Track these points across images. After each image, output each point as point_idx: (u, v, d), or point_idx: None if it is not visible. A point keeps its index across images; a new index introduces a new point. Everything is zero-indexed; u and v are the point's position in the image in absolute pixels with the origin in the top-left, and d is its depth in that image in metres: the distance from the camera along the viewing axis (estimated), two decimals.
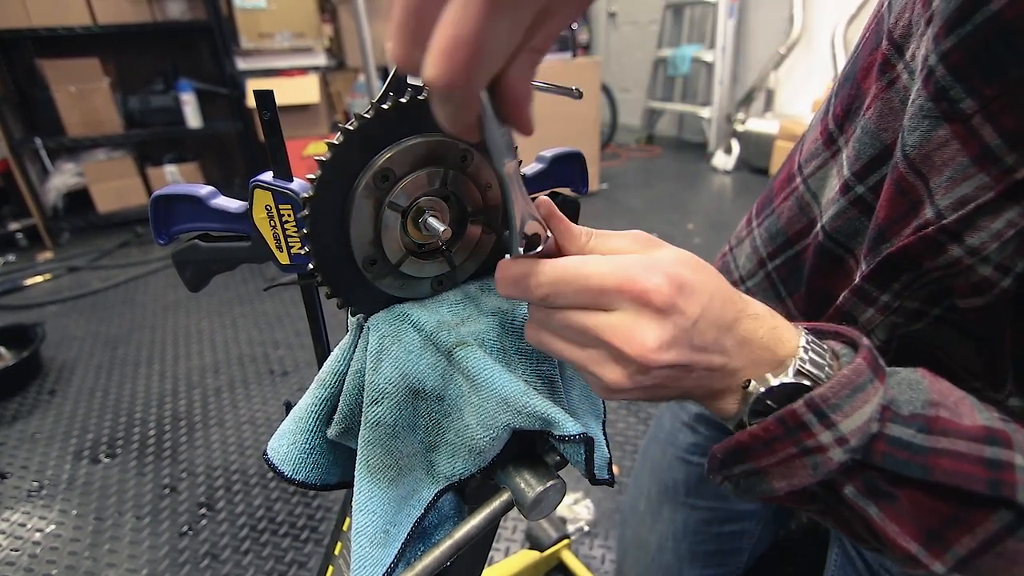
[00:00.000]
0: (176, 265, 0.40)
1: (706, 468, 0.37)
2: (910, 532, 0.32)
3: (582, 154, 0.46)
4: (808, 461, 0.32)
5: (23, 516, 1.35)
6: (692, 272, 0.31)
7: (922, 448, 0.31)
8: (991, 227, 0.36)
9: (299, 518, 1.32)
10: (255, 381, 1.82)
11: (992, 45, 0.34)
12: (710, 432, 0.82)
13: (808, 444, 0.31)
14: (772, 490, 0.34)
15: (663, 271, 0.30)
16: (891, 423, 0.31)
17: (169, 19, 3.10)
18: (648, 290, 0.29)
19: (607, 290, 0.30)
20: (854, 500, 0.33)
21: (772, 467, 0.33)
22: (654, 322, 0.30)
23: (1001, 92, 0.34)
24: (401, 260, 0.35)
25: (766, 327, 0.33)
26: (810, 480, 0.32)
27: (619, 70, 5.37)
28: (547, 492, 0.34)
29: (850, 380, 0.31)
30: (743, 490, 0.35)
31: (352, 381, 0.35)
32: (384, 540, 0.33)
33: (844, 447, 0.31)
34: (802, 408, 0.31)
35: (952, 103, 0.37)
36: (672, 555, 0.80)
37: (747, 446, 0.33)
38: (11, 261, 2.87)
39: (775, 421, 0.32)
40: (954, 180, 0.38)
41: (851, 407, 0.31)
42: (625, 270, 0.30)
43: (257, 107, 0.32)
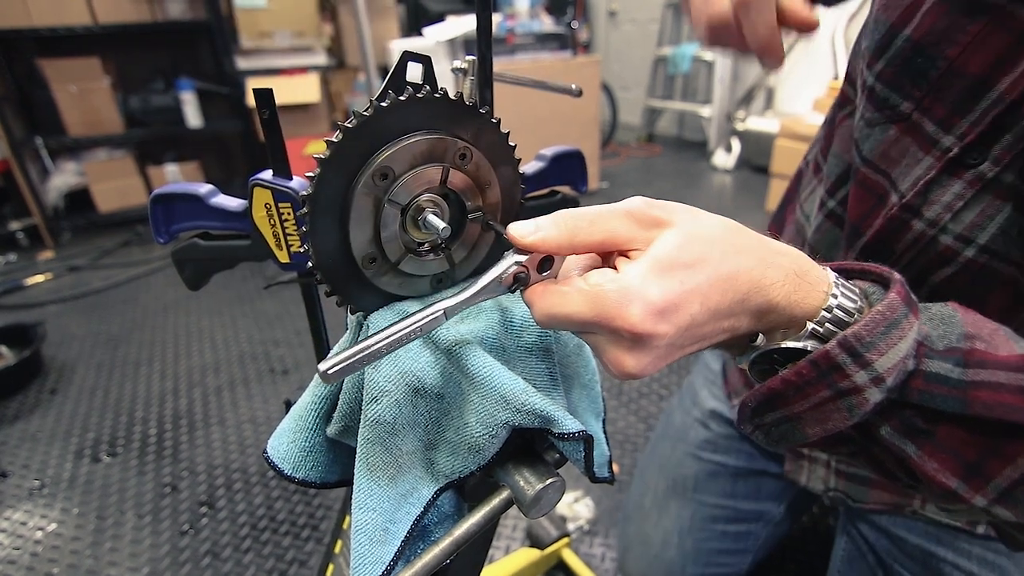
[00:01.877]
0: (176, 263, 0.40)
1: (736, 419, 0.36)
2: (949, 468, 0.32)
3: (582, 152, 0.46)
4: (843, 404, 0.31)
5: (24, 515, 1.35)
6: (678, 279, 0.29)
7: (960, 382, 0.31)
8: (942, 200, 0.44)
9: (300, 516, 1.32)
10: (255, 380, 1.83)
11: (911, 60, 0.46)
12: (722, 429, 0.82)
13: (843, 386, 0.30)
14: (805, 436, 0.33)
15: (641, 300, 0.29)
16: (927, 359, 0.31)
17: (169, 18, 3.10)
18: (620, 328, 0.29)
19: (588, 324, 0.30)
20: (890, 440, 0.32)
21: (805, 412, 0.32)
22: (631, 351, 0.30)
23: (928, 91, 0.45)
24: (400, 258, 0.35)
25: (784, 291, 0.32)
26: (845, 424, 0.31)
27: (619, 69, 5.36)
28: (546, 490, 0.34)
29: (884, 316, 0.30)
30: (775, 439, 0.35)
31: (352, 379, 0.35)
32: (384, 538, 0.33)
33: (880, 387, 0.30)
34: (835, 349, 0.30)
35: (893, 108, 0.47)
36: (676, 551, 0.80)
37: (779, 392, 0.32)
38: (12, 261, 2.87)
39: (808, 364, 0.31)
40: (909, 165, 0.47)
41: (886, 344, 0.30)
42: (599, 306, 0.29)
43: (256, 106, 0.32)
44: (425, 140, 0.32)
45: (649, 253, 0.30)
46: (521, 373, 0.37)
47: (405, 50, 0.34)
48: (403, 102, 0.31)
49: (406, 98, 0.31)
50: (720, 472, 0.81)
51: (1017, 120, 0.40)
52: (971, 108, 0.42)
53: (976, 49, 0.42)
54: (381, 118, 0.31)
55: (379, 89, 0.32)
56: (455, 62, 0.41)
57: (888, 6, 0.48)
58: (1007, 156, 0.41)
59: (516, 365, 0.37)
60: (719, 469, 0.81)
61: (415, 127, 0.32)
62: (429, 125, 0.33)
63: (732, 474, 0.81)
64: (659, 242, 0.30)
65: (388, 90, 0.32)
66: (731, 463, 0.81)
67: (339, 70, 3.58)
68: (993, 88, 0.41)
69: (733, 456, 0.81)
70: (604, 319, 0.29)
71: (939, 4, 0.43)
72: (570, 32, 3.26)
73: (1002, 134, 0.41)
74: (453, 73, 0.41)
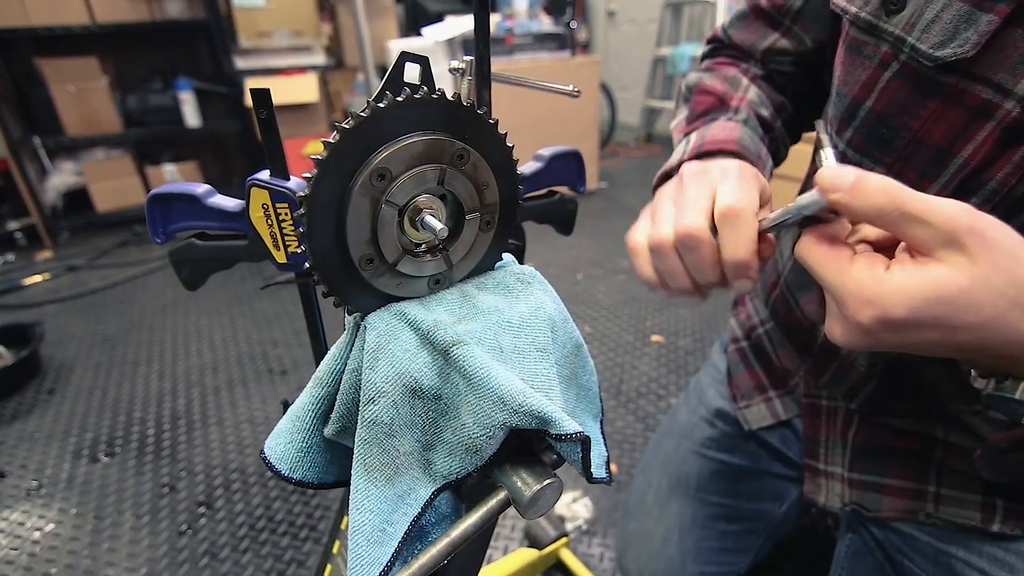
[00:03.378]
0: (173, 263, 0.40)
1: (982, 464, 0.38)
2: None
3: (580, 152, 0.46)
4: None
5: (22, 515, 1.35)
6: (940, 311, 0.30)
7: None
8: None
9: (298, 517, 1.32)
10: (254, 380, 1.82)
11: (875, 129, 0.50)
12: (728, 428, 0.83)
13: None
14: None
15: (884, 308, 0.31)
16: None
17: (168, 18, 3.09)
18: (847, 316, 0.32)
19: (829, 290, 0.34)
20: None
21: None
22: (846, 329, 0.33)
23: (896, 158, 0.49)
24: (398, 259, 0.35)
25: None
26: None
27: (618, 69, 5.37)
28: (544, 491, 0.34)
29: None
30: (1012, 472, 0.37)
31: (349, 380, 0.35)
32: (381, 539, 0.33)
33: None
34: None
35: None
36: (676, 548, 0.80)
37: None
38: (10, 260, 2.86)
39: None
40: None
41: None
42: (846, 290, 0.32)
43: (254, 106, 0.32)
44: (422, 141, 0.32)
45: (931, 273, 0.30)
46: (519, 374, 0.37)
47: (403, 51, 0.34)
48: (400, 103, 0.31)
49: (403, 99, 0.31)
50: (724, 471, 0.81)
51: (981, 184, 0.44)
52: (938, 174, 0.46)
53: (936, 122, 0.45)
54: (378, 119, 0.31)
55: (377, 89, 0.32)
56: (453, 62, 0.41)
57: (846, 81, 0.52)
58: None
59: (514, 366, 0.37)
60: (723, 468, 0.81)
61: (413, 128, 0.32)
62: (427, 126, 0.33)
63: (736, 473, 0.81)
64: (948, 268, 0.30)
65: (386, 91, 0.32)
66: (735, 462, 0.81)
67: (338, 70, 3.58)
68: (957, 155, 0.44)
69: (738, 455, 0.81)
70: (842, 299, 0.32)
71: (893, 80, 0.47)
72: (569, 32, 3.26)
73: (969, 197, 0.44)
74: (451, 73, 0.41)
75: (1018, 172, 0.42)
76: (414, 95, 0.31)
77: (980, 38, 0.41)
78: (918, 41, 0.44)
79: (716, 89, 0.66)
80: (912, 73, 0.46)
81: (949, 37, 0.42)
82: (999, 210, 0.44)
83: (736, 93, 0.66)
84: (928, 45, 0.44)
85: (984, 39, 0.41)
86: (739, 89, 0.66)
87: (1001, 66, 0.41)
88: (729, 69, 0.69)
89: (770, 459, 0.80)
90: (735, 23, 0.71)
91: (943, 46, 0.43)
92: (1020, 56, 0.40)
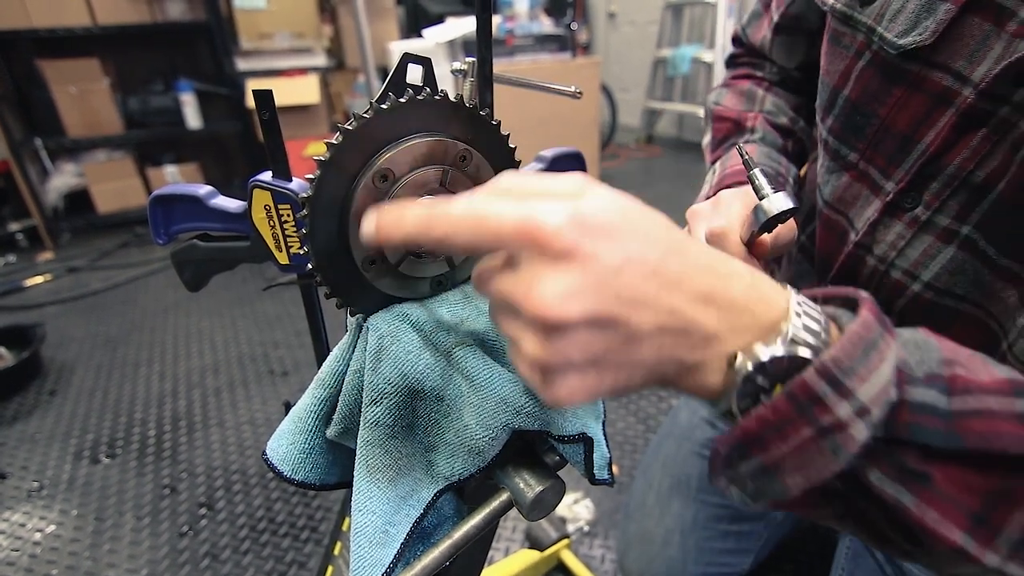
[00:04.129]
0: (175, 265, 0.40)
1: (708, 469, 0.31)
2: (953, 518, 0.28)
3: (581, 154, 0.46)
4: (827, 444, 0.26)
5: (23, 516, 1.35)
6: (619, 214, 0.26)
7: (948, 412, 0.27)
8: (887, 239, 0.50)
9: (299, 518, 1.31)
10: (255, 381, 1.82)
11: (851, 116, 0.52)
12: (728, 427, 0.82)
13: (825, 422, 0.26)
14: (785, 489, 0.28)
15: (569, 212, 0.25)
16: (909, 386, 0.27)
17: (169, 19, 3.10)
18: (546, 235, 0.24)
19: (503, 234, 0.25)
20: (882, 488, 0.28)
21: (785, 458, 0.27)
22: (555, 271, 0.24)
23: (868, 144, 0.51)
24: (400, 260, 0.35)
25: (742, 285, 0.28)
26: (830, 470, 0.27)
27: (619, 70, 5.37)
28: (546, 492, 0.34)
29: (860, 336, 0.27)
30: (752, 493, 0.30)
31: (351, 381, 0.35)
32: (383, 540, 0.33)
33: (865, 419, 0.26)
34: (813, 377, 0.26)
35: (844, 158, 0.54)
36: (678, 549, 0.80)
37: (755, 435, 0.27)
38: (11, 262, 2.87)
39: (784, 399, 0.26)
40: (863, 207, 0.53)
41: (866, 369, 0.26)
42: (524, 212, 0.25)
43: (256, 107, 0.32)
44: (425, 142, 0.32)
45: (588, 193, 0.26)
46: None
47: (405, 52, 0.34)
48: (403, 104, 0.31)
49: (406, 100, 0.31)
50: None
51: (940, 169, 0.45)
52: (902, 159, 0.48)
53: (901, 109, 0.47)
54: (381, 120, 0.31)
55: (379, 90, 0.32)
56: (455, 64, 0.41)
57: (828, 71, 0.55)
58: (936, 201, 0.46)
59: None
60: None
61: (415, 129, 0.32)
62: (429, 127, 0.33)
63: None
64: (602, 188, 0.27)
65: (388, 92, 0.32)
66: None
67: (339, 71, 3.58)
68: (920, 142, 0.46)
69: None
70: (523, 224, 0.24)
71: (866, 69, 0.50)
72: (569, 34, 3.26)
73: (930, 182, 0.46)
74: (453, 75, 0.41)
75: (976, 157, 0.43)
76: (417, 96, 0.31)
77: (938, 26, 0.43)
78: (885, 30, 0.46)
79: (731, 113, 0.70)
80: (881, 62, 0.48)
81: (911, 26, 0.44)
82: (959, 196, 0.45)
83: (751, 111, 0.69)
84: (893, 34, 0.46)
85: (942, 27, 0.42)
86: (755, 104, 0.70)
87: (959, 53, 0.43)
88: (744, 83, 0.73)
89: None
90: (751, 21, 0.74)
91: (906, 34, 0.45)
92: (977, 44, 0.42)
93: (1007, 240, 0.44)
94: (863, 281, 0.53)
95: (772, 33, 0.69)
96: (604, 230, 0.25)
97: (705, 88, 4.31)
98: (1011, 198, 0.42)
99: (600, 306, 0.25)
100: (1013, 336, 0.45)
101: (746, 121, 0.69)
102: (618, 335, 0.26)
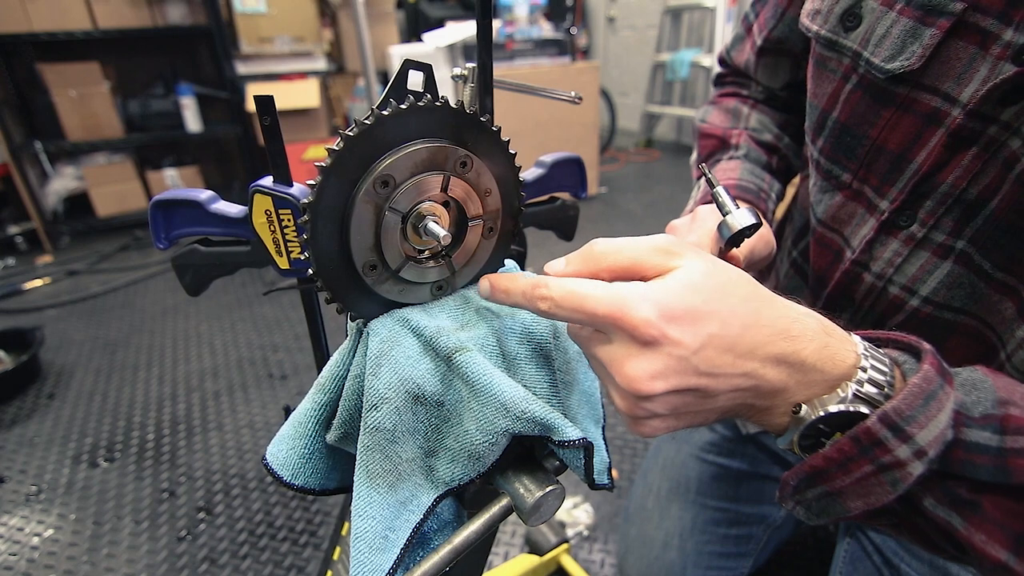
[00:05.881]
0: (176, 269, 0.40)
1: (778, 495, 0.36)
2: (998, 540, 0.31)
3: (581, 159, 0.46)
4: (886, 478, 0.30)
5: (21, 520, 1.35)
6: (700, 297, 0.30)
7: (999, 450, 0.30)
8: (884, 256, 0.51)
9: (298, 523, 1.31)
10: (254, 385, 1.82)
11: (841, 137, 0.53)
12: (728, 431, 0.83)
13: (885, 461, 0.30)
14: (847, 511, 0.32)
15: (656, 302, 0.29)
16: (965, 428, 0.31)
17: (169, 24, 3.10)
18: (635, 325, 0.29)
19: (599, 317, 0.30)
20: (935, 512, 0.31)
21: (848, 488, 0.31)
22: (644, 354, 0.29)
23: (860, 165, 0.52)
24: (401, 265, 0.35)
25: (813, 346, 0.31)
26: (889, 498, 0.31)
27: (618, 74, 5.38)
28: (546, 497, 0.34)
29: (922, 389, 0.30)
30: (816, 513, 0.34)
31: (351, 386, 0.35)
32: (383, 545, 0.33)
33: (923, 460, 0.30)
34: (876, 424, 0.30)
35: (836, 178, 0.55)
36: (677, 553, 0.80)
37: (821, 470, 0.32)
38: (10, 265, 2.86)
39: (849, 441, 0.30)
40: (859, 226, 0.54)
41: (926, 417, 0.29)
42: (616, 301, 0.29)
43: (258, 113, 0.32)
44: (426, 148, 0.32)
45: (673, 273, 0.31)
46: (521, 380, 0.37)
47: (407, 58, 0.34)
48: (404, 110, 0.31)
49: (407, 106, 0.31)
50: (723, 475, 0.81)
51: (934, 187, 0.46)
52: (896, 179, 0.49)
53: (892, 130, 0.48)
54: (382, 126, 0.31)
55: (379, 94, 0.33)
56: (455, 69, 0.41)
57: (816, 93, 0.56)
58: (931, 218, 0.47)
59: (516, 372, 0.37)
60: (723, 471, 0.81)
61: (416, 135, 0.32)
62: (430, 133, 0.33)
63: (735, 477, 0.81)
64: (686, 266, 0.31)
65: (389, 98, 0.32)
66: (735, 466, 0.81)
67: (339, 75, 3.59)
68: (912, 161, 0.47)
69: (737, 459, 0.81)
70: (617, 313, 0.29)
71: (854, 92, 0.51)
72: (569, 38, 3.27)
73: (924, 200, 0.47)
74: (453, 80, 0.41)
75: (968, 175, 0.44)
76: (418, 103, 0.31)
77: (924, 50, 0.44)
78: (871, 55, 0.47)
79: (716, 131, 0.71)
80: (869, 85, 0.49)
81: (898, 51, 0.45)
82: (953, 213, 0.46)
83: (736, 127, 0.70)
84: (880, 58, 0.47)
85: (928, 51, 0.44)
86: (740, 121, 0.71)
87: (946, 76, 0.44)
88: (730, 101, 0.74)
89: (769, 462, 0.80)
90: (735, 44, 0.75)
91: (893, 59, 0.46)
92: (963, 66, 0.43)
93: (1002, 254, 0.44)
94: (861, 296, 0.54)
95: (756, 56, 0.70)
96: (687, 317, 0.29)
97: (704, 92, 4.32)
98: (1004, 214, 0.43)
99: (682, 381, 0.30)
100: (1012, 347, 0.46)
101: (731, 138, 0.69)
102: (697, 396, 0.31)
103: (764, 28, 0.68)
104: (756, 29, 0.70)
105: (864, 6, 0.48)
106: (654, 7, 4.56)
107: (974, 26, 0.42)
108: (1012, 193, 0.42)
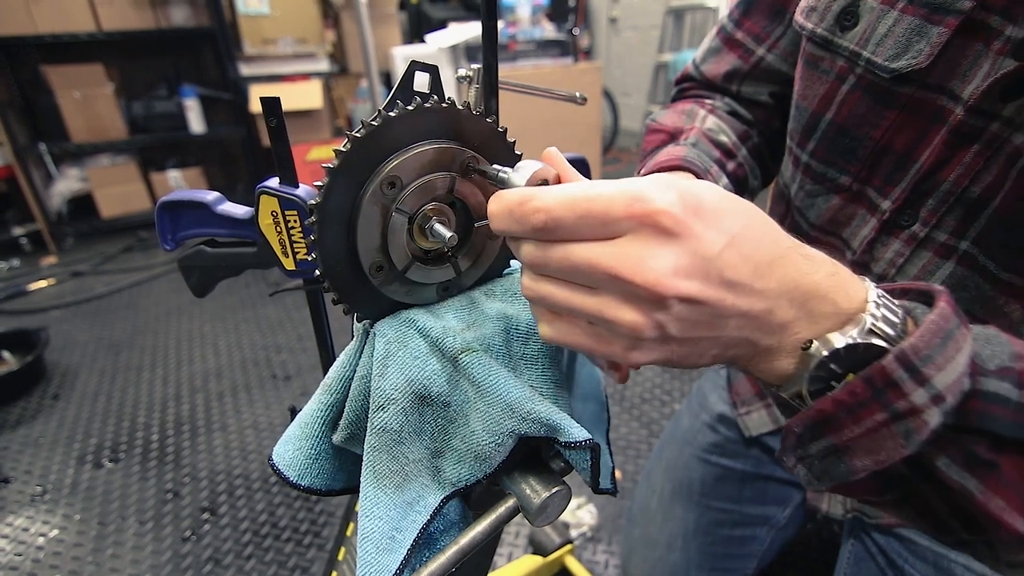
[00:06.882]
0: (182, 270, 0.40)
1: (779, 448, 0.33)
2: (1016, 506, 0.28)
3: (586, 160, 0.46)
4: (899, 428, 0.27)
5: (26, 521, 1.35)
6: (719, 197, 0.27)
7: (1020, 404, 0.28)
8: (886, 256, 0.50)
9: (302, 523, 1.31)
10: (258, 385, 1.83)
11: (837, 139, 0.51)
12: (730, 433, 0.82)
13: (899, 407, 0.27)
14: (851, 471, 0.29)
15: (677, 190, 0.26)
16: (981, 377, 0.28)
17: (173, 26, 3.11)
18: (658, 210, 0.25)
19: (613, 213, 0.26)
20: (949, 474, 0.29)
21: (856, 440, 0.28)
22: (667, 247, 0.25)
23: (862, 166, 0.50)
24: (408, 266, 0.35)
25: (823, 272, 0.29)
26: (900, 453, 0.28)
27: (620, 75, 5.38)
28: (553, 498, 0.34)
29: (938, 327, 0.27)
30: (818, 474, 0.31)
31: (358, 387, 0.35)
32: (390, 546, 0.33)
33: (940, 406, 0.27)
34: (891, 363, 0.27)
35: (832, 180, 0.53)
36: (681, 554, 0.80)
37: (829, 416, 0.28)
38: (15, 266, 2.88)
39: (862, 383, 0.27)
40: (858, 227, 0.53)
41: (943, 358, 0.27)
42: (632, 191, 0.26)
43: (264, 114, 0.32)
44: (432, 149, 0.32)
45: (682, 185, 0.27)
46: (527, 381, 0.37)
47: (413, 60, 0.34)
48: (411, 112, 0.31)
49: (414, 108, 0.31)
50: (727, 476, 0.81)
51: (936, 186, 0.46)
52: (900, 178, 0.48)
53: (897, 131, 0.47)
54: (389, 127, 0.31)
55: (382, 95, 0.33)
56: (460, 70, 0.41)
57: (805, 95, 0.54)
58: (933, 217, 0.47)
59: (522, 373, 0.37)
60: (726, 473, 0.81)
61: (422, 136, 0.32)
62: (436, 134, 0.33)
63: (739, 478, 0.81)
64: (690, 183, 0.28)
65: (396, 99, 0.32)
66: (738, 467, 0.81)
67: (342, 76, 3.60)
68: (917, 160, 0.47)
69: (740, 460, 0.81)
70: (637, 203, 0.25)
71: (852, 92, 0.49)
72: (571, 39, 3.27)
73: (926, 198, 0.47)
74: (458, 81, 0.41)
75: (970, 173, 0.44)
76: (424, 104, 0.31)
77: (932, 49, 0.43)
78: (873, 55, 0.46)
79: (667, 127, 0.65)
80: (869, 85, 0.48)
81: (903, 49, 0.45)
82: (956, 211, 0.45)
83: (690, 125, 0.64)
84: (883, 58, 0.46)
85: (936, 50, 0.43)
86: (695, 120, 0.65)
87: (953, 74, 0.43)
88: (687, 104, 0.68)
89: (772, 464, 0.79)
90: (708, 58, 0.70)
91: (897, 58, 0.45)
92: (969, 64, 0.42)
93: (1006, 254, 0.44)
94: None
95: (751, 68, 0.65)
96: (710, 211, 0.26)
97: None
98: (1007, 212, 0.43)
99: (703, 289, 0.26)
100: None
101: (681, 134, 0.63)
102: (710, 315, 0.27)
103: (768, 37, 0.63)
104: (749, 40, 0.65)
105: (863, 5, 0.47)
106: (656, 8, 4.56)
107: (981, 23, 0.41)
108: (1016, 190, 0.42)
